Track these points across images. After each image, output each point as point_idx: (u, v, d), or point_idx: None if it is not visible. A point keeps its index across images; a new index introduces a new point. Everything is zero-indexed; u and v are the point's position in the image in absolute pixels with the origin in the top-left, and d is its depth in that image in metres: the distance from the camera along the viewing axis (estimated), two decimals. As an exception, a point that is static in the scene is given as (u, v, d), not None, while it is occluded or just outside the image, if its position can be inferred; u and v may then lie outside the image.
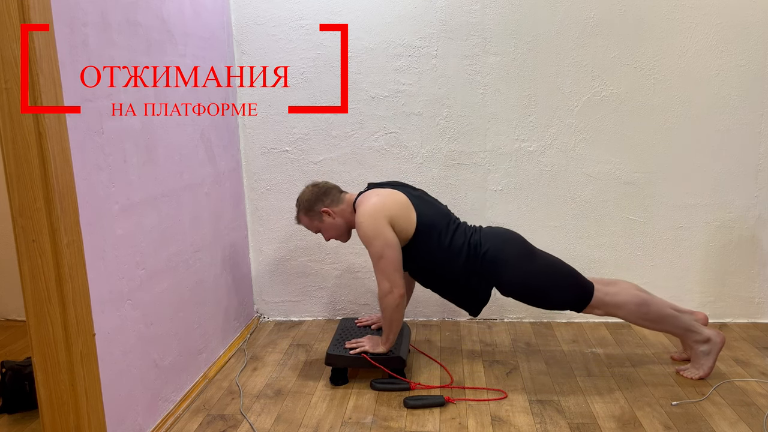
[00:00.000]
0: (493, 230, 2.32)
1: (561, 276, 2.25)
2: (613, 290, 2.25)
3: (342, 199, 2.34)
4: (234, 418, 2.11)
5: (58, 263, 1.55)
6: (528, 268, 2.23)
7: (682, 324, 2.24)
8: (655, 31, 2.68)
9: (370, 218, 2.17)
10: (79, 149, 1.62)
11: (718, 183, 2.77)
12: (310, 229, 2.39)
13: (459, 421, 2.05)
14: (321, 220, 2.34)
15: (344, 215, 2.33)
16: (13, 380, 2.18)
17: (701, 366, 2.28)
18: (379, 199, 2.22)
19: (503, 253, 2.23)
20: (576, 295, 2.23)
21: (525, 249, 2.27)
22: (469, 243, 2.25)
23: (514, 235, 2.32)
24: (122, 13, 1.83)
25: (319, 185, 2.36)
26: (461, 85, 2.77)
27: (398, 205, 2.22)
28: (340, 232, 2.37)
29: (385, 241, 2.16)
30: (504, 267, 2.22)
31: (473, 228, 2.32)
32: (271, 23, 2.77)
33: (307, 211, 2.34)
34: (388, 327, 2.25)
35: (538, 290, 2.25)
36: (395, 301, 2.20)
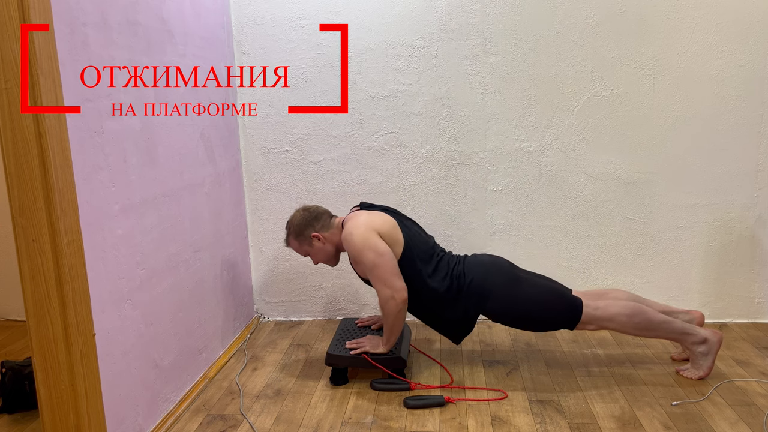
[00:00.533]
0: (477, 259, 2.33)
1: (548, 299, 2.25)
2: (603, 304, 2.25)
3: (332, 224, 2.36)
4: (234, 418, 2.11)
5: (58, 263, 1.55)
6: (513, 296, 2.24)
7: (677, 329, 2.24)
8: (655, 31, 2.68)
9: (358, 230, 2.19)
10: (79, 149, 1.62)
11: (718, 183, 2.77)
12: (299, 252, 2.40)
13: (459, 421, 2.05)
14: (310, 245, 2.36)
15: (333, 240, 2.35)
16: (13, 380, 2.18)
17: (700, 366, 2.28)
18: (367, 216, 2.24)
19: (487, 282, 2.24)
20: (565, 315, 2.24)
21: (509, 276, 2.28)
22: (452, 275, 2.27)
23: (498, 262, 2.33)
24: (122, 13, 1.83)
25: (310, 210, 2.37)
26: (461, 85, 2.77)
27: (387, 225, 2.24)
28: (328, 256, 2.39)
29: (375, 250, 2.17)
30: (489, 297, 2.24)
31: (457, 258, 2.34)
32: (271, 23, 2.77)
33: (297, 236, 2.36)
34: (389, 330, 2.25)
35: (525, 316, 2.27)
36: (398, 307, 2.20)
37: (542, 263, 2.88)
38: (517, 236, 2.88)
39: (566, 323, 2.25)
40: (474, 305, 2.26)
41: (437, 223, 2.88)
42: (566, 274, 2.88)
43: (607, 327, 2.25)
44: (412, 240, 2.28)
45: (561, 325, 2.26)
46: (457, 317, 2.29)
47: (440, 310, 2.29)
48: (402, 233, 2.27)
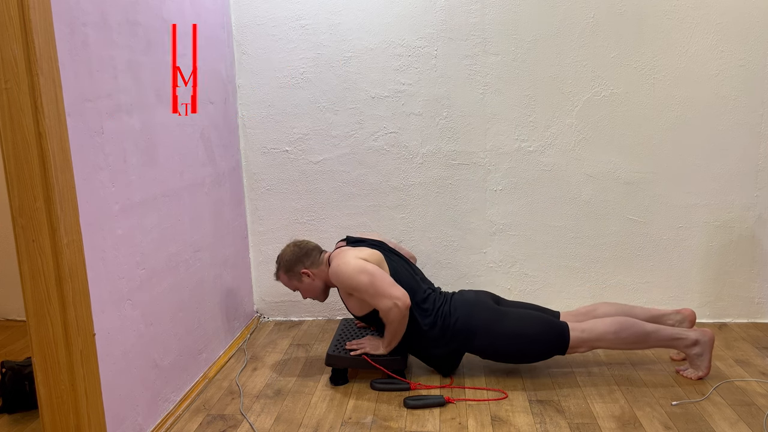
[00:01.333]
0: (463, 297, 2.35)
1: (534, 330, 2.26)
2: (589, 325, 2.25)
3: (321, 260, 2.37)
4: (234, 418, 2.11)
5: (58, 263, 1.55)
6: (499, 332, 2.25)
7: (667, 336, 2.25)
8: (655, 31, 2.68)
9: (346, 262, 2.21)
10: (79, 149, 1.62)
11: (718, 183, 2.77)
12: (288, 287, 2.42)
13: (459, 421, 2.05)
14: (300, 281, 2.37)
15: (322, 276, 2.36)
16: (13, 380, 2.18)
17: (698, 366, 2.28)
18: (353, 251, 2.27)
19: (473, 319, 2.26)
20: (553, 344, 2.25)
21: (493, 312, 2.29)
22: (438, 313, 2.28)
23: (482, 299, 2.34)
24: (122, 13, 1.83)
25: (300, 246, 2.38)
26: (461, 85, 2.77)
27: (373, 257, 2.26)
28: (317, 292, 2.40)
29: (366, 271, 2.18)
30: (475, 334, 2.26)
31: (444, 297, 2.35)
32: (271, 23, 2.77)
33: (287, 271, 2.37)
34: (392, 335, 2.25)
35: (513, 350, 2.28)
36: (401, 313, 2.19)
37: (542, 263, 2.88)
38: (517, 236, 2.88)
39: (556, 351, 2.27)
40: (461, 343, 2.28)
41: (437, 223, 2.88)
42: (566, 274, 2.88)
43: (598, 347, 2.27)
44: (398, 275, 2.29)
45: (551, 353, 2.28)
46: (443, 354, 2.31)
47: (427, 347, 2.31)
48: (388, 268, 2.29)
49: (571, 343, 2.24)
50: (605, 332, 2.23)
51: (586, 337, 2.24)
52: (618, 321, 2.24)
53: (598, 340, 2.24)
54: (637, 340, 2.24)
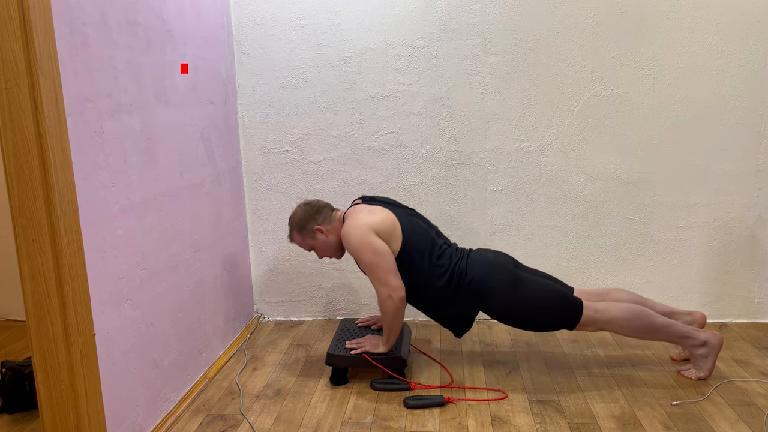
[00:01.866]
0: (481, 256, 2.32)
1: (548, 300, 2.24)
2: (603, 306, 2.24)
3: (334, 217, 2.35)
4: (234, 418, 2.11)
5: (58, 263, 1.55)
6: (515, 297, 2.23)
7: (677, 332, 2.24)
8: (655, 31, 2.68)
9: (355, 229, 2.19)
10: (79, 149, 1.62)
11: (718, 183, 2.77)
12: (303, 247, 2.40)
13: (459, 421, 2.05)
14: (314, 238, 2.35)
15: (336, 233, 2.34)
16: (13, 380, 2.18)
17: (701, 368, 2.28)
18: (366, 214, 2.24)
19: (489, 281, 2.23)
20: (564, 317, 2.24)
21: (511, 276, 2.26)
22: (453, 270, 2.26)
23: (500, 261, 2.31)
24: (122, 13, 1.83)
25: (311, 204, 2.37)
26: (461, 85, 2.77)
27: (385, 222, 2.23)
28: (333, 250, 2.38)
29: (373, 249, 2.17)
30: (489, 296, 2.24)
31: (460, 253, 2.33)
32: (271, 23, 2.77)
33: (300, 230, 2.35)
34: (388, 329, 2.25)
35: (524, 317, 2.26)
36: (395, 305, 2.20)
37: (542, 263, 2.88)
38: (517, 236, 2.88)
39: (565, 324, 2.25)
40: (473, 303, 2.26)
41: (437, 223, 2.88)
42: (566, 274, 2.88)
43: (606, 329, 2.25)
44: (412, 234, 2.26)
45: (560, 326, 2.26)
46: (456, 313, 2.29)
47: (440, 305, 2.29)
48: (401, 228, 2.26)
49: (582, 320, 2.22)
50: (618, 317, 2.21)
51: (598, 318, 2.22)
52: (632, 309, 2.23)
53: (609, 323, 2.22)
54: (648, 330, 2.22)
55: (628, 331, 2.24)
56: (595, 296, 2.35)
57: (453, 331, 2.36)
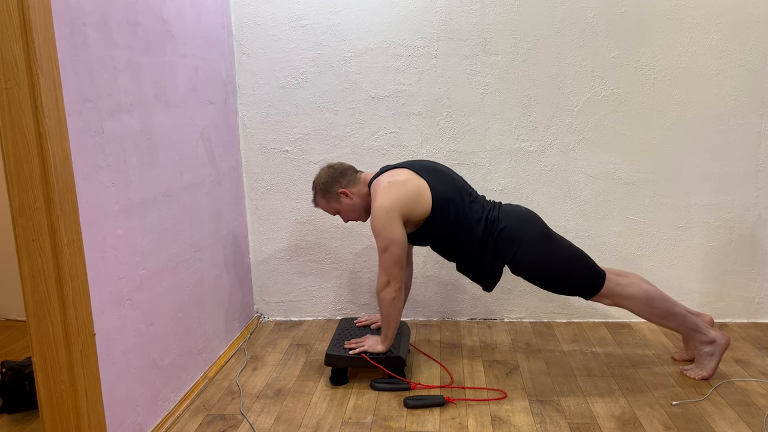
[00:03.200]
0: (513, 208, 2.31)
1: (575, 261, 2.23)
2: (625, 281, 2.24)
3: (358, 179, 2.33)
4: (234, 418, 2.11)
5: (58, 263, 1.55)
6: (543, 251, 2.22)
7: (690, 323, 2.24)
8: (655, 31, 2.68)
9: (383, 212, 2.15)
10: (79, 149, 1.62)
11: (718, 183, 2.77)
12: (328, 211, 2.37)
13: (459, 421, 2.05)
14: (339, 202, 2.32)
15: (362, 195, 2.31)
16: (13, 380, 2.18)
17: (704, 366, 2.28)
18: (393, 192, 2.18)
19: (520, 232, 2.21)
20: (588, 281, 2.22)
21: (542, 231, 2.25)
22: (487, 218, 2.24)
23: (533, 216, 2.29)
24: (122, 13, 1.83)
25: (334, 166, 2.34)
26: (461, 85, 2.77)
27: (412, 194, 2.19)
28: (359, 212, 2.34)
29: (391, 237, 2.15)
30: (519, 247, 2.20)
31: (492, 203, 2.30)
32: (271, 23, 2.77)
33: (324, 193, 2.32)
34: (385, 323, 2.25)
35: (550, 273, 2.24)
36: (391, 295, 2.20)
37: (542, 263, 2.88)
38: (517, 236, 2.88)
39: (586, 290, 2.23)
40: (503, 252, 2.23)
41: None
42: (566, 274, 2.88)
43: (621, 305, 2.24)
44: (442, 187, 2.22)
45: (580, 290, 2.24)
46: (487, 262, 2.26)
47: (472, 253, 2.25)
48: (430, 187, 2.20)
49: (603, 290, 2.21)
50: (638, 295, 2.21)
51: (618, 291, 2.21)
52: (653, 291, 2.23)
53: (628, 299, 2.22)
54: (664, 315, 2.22)
55: (644, 312, 2.23)
56: (616, 273, 2.32)
57: (483, 284, 2.34)
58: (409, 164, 2.32)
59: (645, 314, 2.25)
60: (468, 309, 2.97)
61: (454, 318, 2.99)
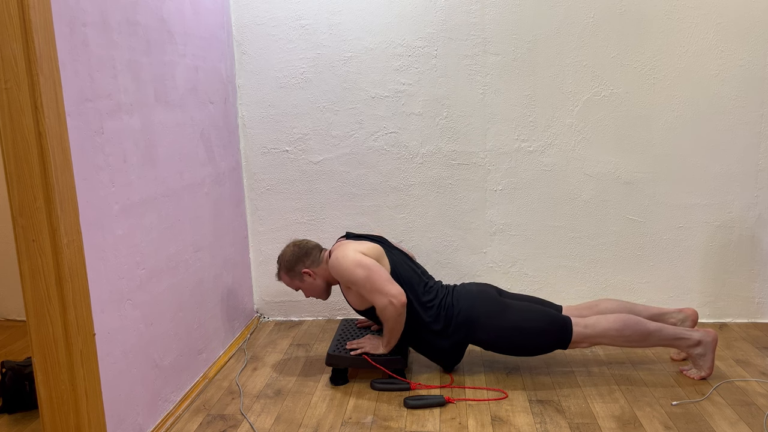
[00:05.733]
0: (465, 288, 2.35)
1: (537, 322, 2.26)
2: (592, 321, 2.25)
3: (322, 259, 2.37)
4: (234, 418, 2.11)
5: (58, 263, 1.55)
6: (502, 324, 2.25)
7: (670, 335, 2.24)
8: (655, 31, 2.68)
9: (344, 256, 2.21)
10: (79, 149, 1.62)
11: (718, 183, 2.77)
12: (290, 287, 2.43)
13: (459, 421, 2.05)
14: (301, 281, 2.37)
15: (324, 275, 2.36)
16: (13, 380, 2.18)
17: (701, 367, 2.28)
18: (354, 244, 2.26)
19: (475, 311, 2.26)
20: (555, 338, 2.25)
21: (497, 304, 2.29)
22: (441, 305, 2.29)
23: (485, 292, 2.33)
24: (122, 13, 1.83)
25: (300, 245, 2.38)
26: (461, 85, 2.77)
27: (373, 251, 2.26)
28: (319, 291, 2.40)
29: (363, 265, 2.18)
30: (477, 326, 2.26)
31: (446, 290, 2.36)
32: (271, 23, 2.77)
33: (288, 271, 2.37)
34: (390, 334, 2.25)
35: (515, 343, 2.28)
36: (397, 311, 2.19)
37: (542, 263, 2.88)
38: (517, 236, 2.88)
39: (558, 345, 2.27)
40: (463, 336, 2.29)
41: (437, 223, 2.88)
42: (566, 274, 2.88)
43: (599, 343, 2.27)
44: (398, 268, 2.30)
45: (553, 347, 2.28)
46: (446, 347, 2.31)
47: (430, 339, 2.31)
48: (389, 262, 2.29)
49: (573, 338, 2.23)
50: (608, 329, 2.23)
51: (588, 333, 2.23)
52: (621, 318, 2.24)
53: (601, 336, 2.24)
54: (640, 338, 2.23)
55: (621, 342, 2.25)
56: (584, 310, 2.37)
57: (442, 365, 2.38)
58: (374, 239, 2.39)
59: (623, 344, 2.26)
60: (468, 309, 2.97)
61: (454, 318, 2.98)
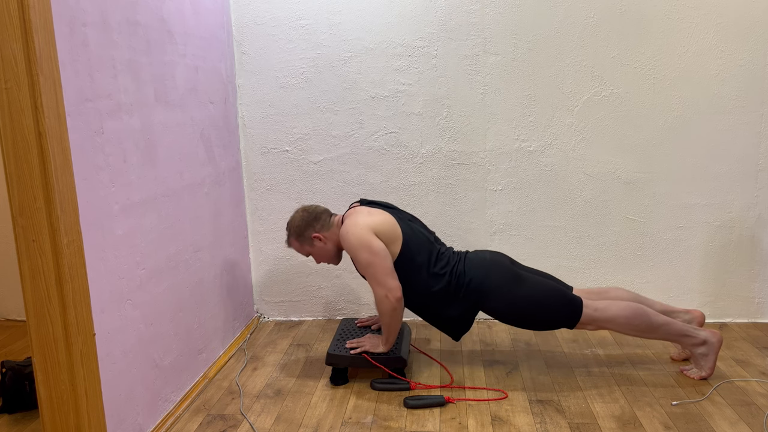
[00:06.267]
0: (478, 256, 2.33)
1: (548, 299, 2.24)
2: (603, 305, 2.24)
3: (332, 223, 2.35)
4: (234, 418, 2.11)
5: (58, 263, 1.55)
6: (513, 295, 2.24)
7: (676, 330, 2.24)
8: (655, 31, 2.68)
9: (354, 228, 2.19)
10: (79, 149, 1.62)
11: (718, 183, 2.77)
12: (300, 253, 2.40)
13: (459, 421, 2.05)
14: (312, 245, 2.35)
15: (334, 239, 2.35)
16: (13, 380, 2.18)
17: (702, 367, 2.28)
18: (365, 215, 2.24)
19: (487, 280, 2.24)
20: (564, 315, 2.24)
21: (509, 275, 2.27)
22: (452, 272, 2.27)
23: (499, 260, 2.31)
24: (122, 13, 1.83)
25: (309, 210, 2.37)
26: (461, 85, 2.77)
27: (385, 223, 2.24)
28: (330, 256, 2.38)
29: (370, 249, 2.17)
30: (488, 296, 2.24)
31: (458, 256, 2.33)
32: (271, 23, 2.77)
33: (298, 236, 2.35)
34: (387, 329, 2.25)
35: (524, 316, 2.27)
36: (392, 306, 2.20)
37: (542, 263, 2.88)
38: (517, 236, 2.88)
39: (565, 323, 2.25)
40: (473, 304, 2.26)
41: (437, 223, 2.88)
42: (566, 274, 2.88)
43: (606, 328, 2.26)
44: (411, 237, 2.27)
45: (560, 324, 2.27)
46: (455, 315, 2.29)
47: (439, 308, 2.29)
48: (401, 230, 2.26)
49: (582, 319, 2.22)
50: (617, 315, 2.21)
51: (598, 316, 2.22)
52: (632, 307, 2.22)
53: (609, 321, 2.22)
54: (647, 329, 2.22)
55: (627, 330, 2.24)
56: (594, 295, 2.35)
57: (451, 335, 2.36)
58: (385, 205, 2.37)
59: (630, 332, 2.25)
60: (468, 309, 2.97)
61: (454, 318, 2.98)
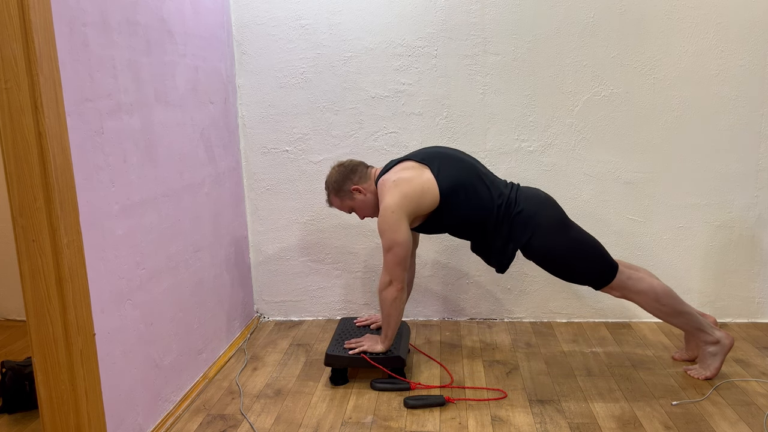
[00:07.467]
0: (531, 191, 2.29)
1: (589, 250, 2.21)
2: (636, 276, 2.22)
3: (369, 175, 2.32)
4: (234, 418, 2.11)
5: (58, 263, 1.55)
6: (558, 238, 2.19)
7: (696, 323, 2.24)
8: (655, 31, 2.68)
9: (389, 212, 2.14)
10: (79, 149, 1.62)
11: (718, 183, 2.77)
12: (342, 209, 2.36)
13: (459, 421, 2.05)
14: (353, 199, 2.31)
15: (373, 190, 2.30)
16: (13, 380, 2.18)
17: (708, 366, 2.28)
18: (398, 191, 2.16)
19: (537, 216, 2.19)
20: (600, 271, 2.20)
21: (559, 217, 2.23)
22: (503, 200, 2.21)
23: (551, 201, 2.28)
24: (122, 13, 1.83)
25: (344, 164, 2.33)
26: (461, 85, 2.77)
27: (417, 191, 2.16)
28: (372, 208, 2.33)
29: (395, 237, 2.14)
30: (534, 232, 2.18)
31: (510, 185, 2.28)
32: (271, 23, 2.77)
33: (338, 192, 2.31)
34: (386, 322, 2.25)
35: (563, 261, 2.22)
36: (393, 295, 2.20)
37: (542, 263, 2.88)
38: (517, 236, 2.88)
39: (596, 281, 2.22)
40: (518, 236, 2.21)
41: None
42: (566, 274, 2.88)
43: (630, 299, 2.24)
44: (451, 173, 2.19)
45: (592, 280, 2.22)
46: (500, 244, 2.24)
47: (486, 234, 2.24)
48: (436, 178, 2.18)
49: (614, 282, 2.20)
50: (648, 290, 2.20)
51: (630, 285, 2.20)
52: (663, 287, 2.21)
53: (638, 293, 2.21)
54: (671, 312, 2.22)
55: (651, 307, 2.23)
56: (628, 266, 2.31)
57: (495, 265, 2.31)
58: (415, 155, 2.30)
59: (653, 310, 2.23)
60: (468, 309, 2.97)
61: (454, 318, 2.99)
